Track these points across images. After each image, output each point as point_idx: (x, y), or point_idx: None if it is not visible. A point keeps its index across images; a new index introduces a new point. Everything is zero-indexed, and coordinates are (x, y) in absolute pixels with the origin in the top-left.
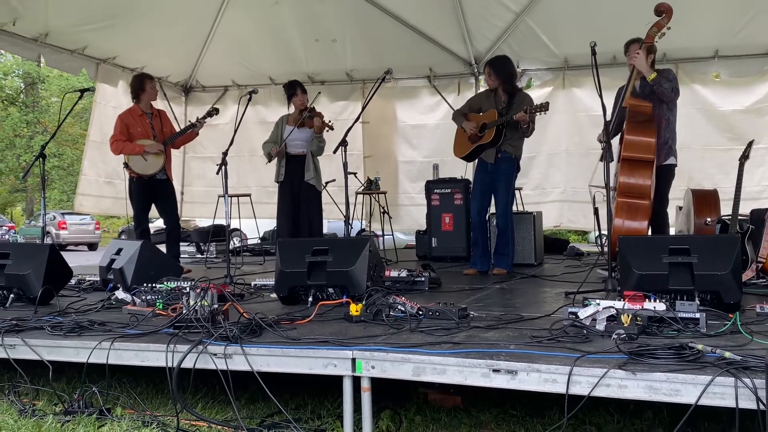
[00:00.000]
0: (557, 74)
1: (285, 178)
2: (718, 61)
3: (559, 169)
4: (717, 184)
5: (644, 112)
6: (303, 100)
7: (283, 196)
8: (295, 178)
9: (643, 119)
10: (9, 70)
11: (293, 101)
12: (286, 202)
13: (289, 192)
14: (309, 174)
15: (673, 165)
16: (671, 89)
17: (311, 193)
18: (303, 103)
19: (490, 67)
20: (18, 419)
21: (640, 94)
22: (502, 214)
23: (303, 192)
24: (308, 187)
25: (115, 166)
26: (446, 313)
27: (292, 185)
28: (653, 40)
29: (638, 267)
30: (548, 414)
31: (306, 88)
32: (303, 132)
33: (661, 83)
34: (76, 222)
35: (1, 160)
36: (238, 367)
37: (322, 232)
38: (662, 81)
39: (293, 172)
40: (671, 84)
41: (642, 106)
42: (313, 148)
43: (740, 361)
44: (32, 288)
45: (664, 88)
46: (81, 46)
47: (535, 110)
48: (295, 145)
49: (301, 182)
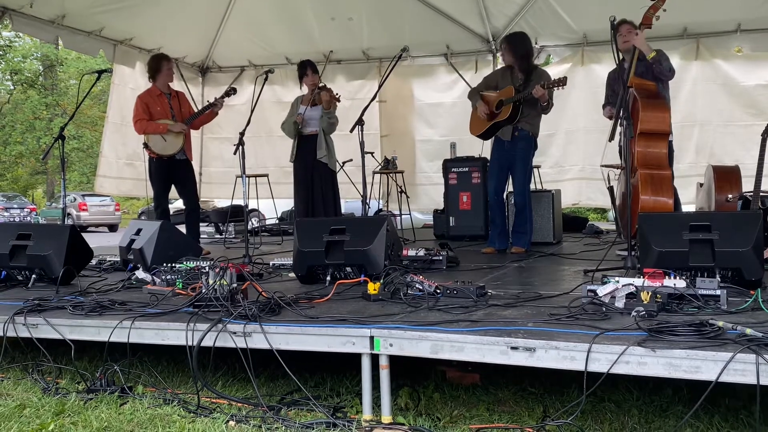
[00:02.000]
0: (576, 50)
1: (298, 157)
2: (740, 35)
3: (577, 147)
4: (738, 160)
5: (650, 89)
6: (314, 80)
7: (298, 175)
8: (308, 157)
9: (653, 95)
10: (28, 53)
11: (304, 81)
12: (300, 182)
13: (303, 171)
14: (321, 152)
15: (670, 140)
16: (669, 68)
17: (324, 171)
18: (314, 83)
19: (507, 44)
20: (42, 397)
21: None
22: (519, 193)
23: (316, 170)
24: (321, 165)
25: (135, 148)
26: (464, 291)
27: (306, 164)
28: (651, 22)
29: (658, 244)
30: (567, 391)
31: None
32: (315, 111)
33: (660, 62)
34: (96, 203)
35: (22, 142)
36: (257, 345)
37: (339, 211)
38: (661, 60)
39: (306, 151)
40: (668, 63)
41: (647, 84)
42: (324, 126)
43: (761, 337)
44: (54, 268)
45: (663, 67)
46: (98, 27)
47: (554, 85)
48: (308, 124)
49: (314, 161)
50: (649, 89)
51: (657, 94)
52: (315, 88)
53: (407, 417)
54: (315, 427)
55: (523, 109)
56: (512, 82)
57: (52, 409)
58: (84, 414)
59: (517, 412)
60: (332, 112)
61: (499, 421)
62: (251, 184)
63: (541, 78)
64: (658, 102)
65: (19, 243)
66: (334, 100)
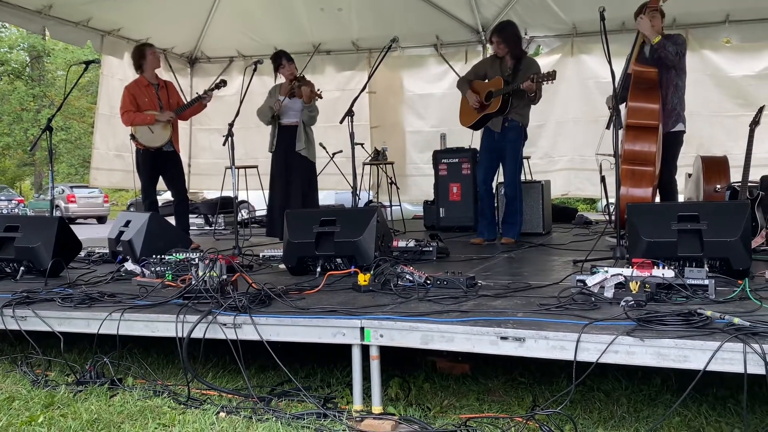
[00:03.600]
0: (566, 41)
1: (277, 148)
2: (729, 26)
3: (567, 138)
4: (727, 151)
5: (649, 78)
6: (291, 70)
7: (276, 166)
8: (287, 149)
9: (648, 85)
10: (14, 44)
11: (281, 72)
12: (279, 173)
13: (282, 162)
14: (300, 144)
15: (681, 132)
16: (675, 53)
17: (303, 163)
18: (292, 73)
19: (498, 36)
20: (31, 389)
21: (650, 59)
22: (510, 184)
23: (295, 162)
24: (300, 158)
25: (124, 139)
26: (454, 282)
27: (285, 155)
28: (658, 4)
29: (647, 234)
30: (556, 381)
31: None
32: (294, 102)
33: (665, 46)
34: (84, 195)
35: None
36: (247, 336)
37: (317, 205)
38: (667, 44)
39: (285, 143)
40: (677, 48)
41: (647, 72)
42: (305, 118)
43: (749, 327)
44: (42, 260)
45: (668, 51)
46: (85, 18)
47: (542, 79)
48: (287, 114)
49: (292, 152)
50: (646, 78)
51: (656, 84)
52: (293, 79)
53: (397, 407)
54: (305, 418)
55: (512, 100)
56: (501, 72)
57: (41, 402)
58: (74, 406)
59: (506, 402)
60: (312, 105)
61: (488, 410)
62: (240, 175)
63: (530, 68)
64: (650, 93)
65: (6, 235)
66: (315, 96)
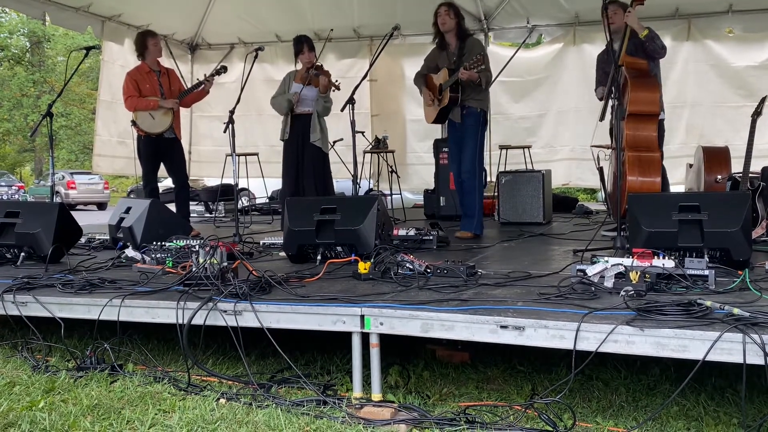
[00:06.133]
0: (568, 30)
1: (290, 136)
2: (732, 16)
3: (568, 127)
4: (728, 141)
5: (641, 68)
6: (310, 58)
7: (288, 155)
8: (300, 138)
9: (645, 75)
10: (14, 29)
11: (300, 58)
12: (290, 162)
13: (294, 151)
14: (315, 135)
15: (662, 119)
16: (661, 46)
17: (316, 154)
18: (310, 61)
19: (448, 6)
20: (31, 375)
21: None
22: (466, 170)
23: (308, 153)
24: (313, 149)
25: (126, 126)
26: (454, 270)
27: (297, 145)
28: None
29: (648, 224)
30: (555, 370)
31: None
32: (310, 90)
33: (653, 39)
34: (85, 182)
35: (9, 119)
36: (248, 323)
37: (331, 193)
38: (655, 38)
39: (298, 132)
40: (661, 41)
41: (638, 63)
42: (319, 108)
43: (748, 317)
44: (42, 246)
45: (656, 44)
46: (86, 3)
47: (472, 65)
48: (302, 103)
49: (306, 142)
50: (640, 68)
51: (648, 74)
52: (311, 67)
53: (397, 395)
54: (305, 405)
55: (463, 88)
56: (448, 60)
57: (42, 387)
58: (74, 392)
59: (505, 390)
60: (328, 95)
61: (488, 398)
62: (241, 162)
63: (473, 50)
64: (649, 82)
65: (7, 221)
66: (332, 86)
